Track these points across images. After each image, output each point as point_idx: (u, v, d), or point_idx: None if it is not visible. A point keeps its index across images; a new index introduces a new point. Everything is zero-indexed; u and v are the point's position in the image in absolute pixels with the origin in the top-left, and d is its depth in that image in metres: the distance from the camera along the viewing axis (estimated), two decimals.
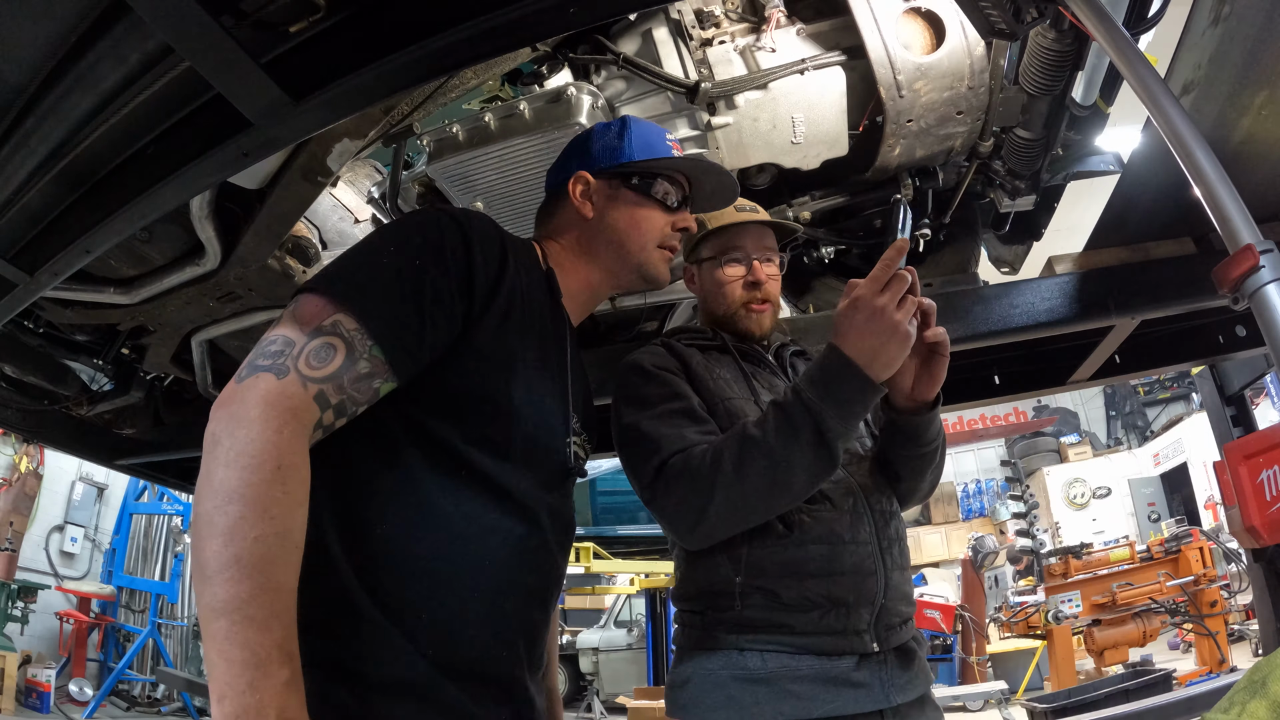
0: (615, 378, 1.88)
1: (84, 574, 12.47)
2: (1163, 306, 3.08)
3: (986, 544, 12.02)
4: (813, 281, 3.50)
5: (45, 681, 9.98)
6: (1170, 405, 20.32)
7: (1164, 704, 5.19)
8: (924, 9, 2.48)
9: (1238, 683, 1.40)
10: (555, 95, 2.54)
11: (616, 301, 3.41)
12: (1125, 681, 6.49)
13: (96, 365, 4.27)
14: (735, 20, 2.63)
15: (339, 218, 3.61)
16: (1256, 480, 3.85)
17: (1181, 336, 3.80)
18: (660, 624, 12.31)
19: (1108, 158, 2.94)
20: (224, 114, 2.16)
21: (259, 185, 2.87)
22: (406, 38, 1.98)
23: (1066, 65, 2.47)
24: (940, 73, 2.51)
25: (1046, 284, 3.15)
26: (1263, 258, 1.51)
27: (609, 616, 14.08)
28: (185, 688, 10.46)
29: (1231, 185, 1.60)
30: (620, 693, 11.99)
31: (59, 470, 12.11)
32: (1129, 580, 8.46)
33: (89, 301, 3.53)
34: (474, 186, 2.76)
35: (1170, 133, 1.68)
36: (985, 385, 4.03)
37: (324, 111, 2.13)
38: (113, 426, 4.90)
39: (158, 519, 13.16)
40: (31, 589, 10.46)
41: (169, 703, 11.53)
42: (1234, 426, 4.79)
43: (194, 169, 2.32)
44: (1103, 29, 1.83)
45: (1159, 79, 1.75)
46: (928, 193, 3.01)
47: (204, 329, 3.79)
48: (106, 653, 11.90)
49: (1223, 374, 4.88)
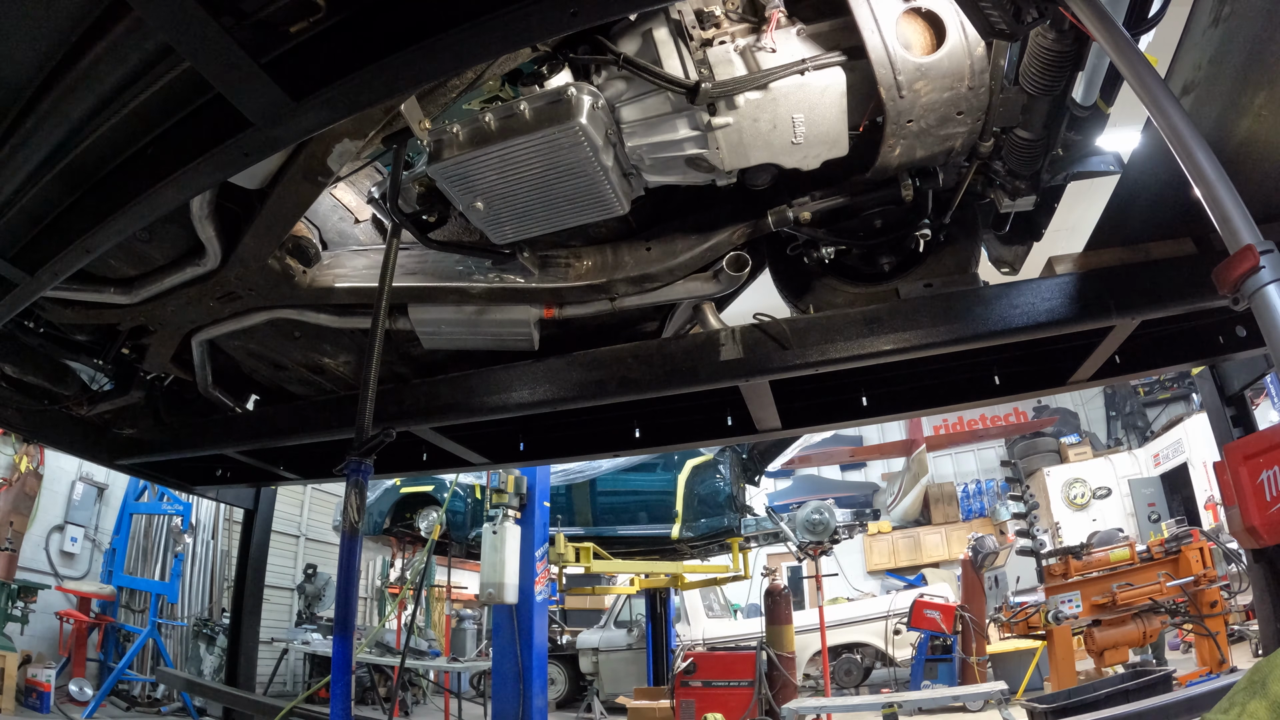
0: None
1: (84, 574, 12.46)
2: (1163, 307, 3.08)
3: (986, 544, 12.01)
4: (813, 282, 3.49)
5: (45, 681, 9.96)
6: (1170, 406, 20.34)
7: (1164, 704, 5.18)
8: (924, 9, 2.47)
9: (1238, 683, 1.41)
10: (555, 95, 2.54)
11: (616, 302, 3.41)
12: (1125, 682, 6.48)
13: (97, 365, 4.27)
14: (736, 20, 2.63)
15: (339, 218, 3.61)
16: (1257, 480, 3.84)
17: (1181, 337, 3.80)
18: (660, 624, 12.31)
19: (1108, 158, 2.94)
20: (224, 114, 2.17)
21: (259, 185, 2.87)
22: (406, 38, 1.98)
23: (1067, 65, 2.46)
24: (940, 73, 2.50)
25: (1046, 284, 3.15)
26: (1263, 258, 1.51)
27: (609, 617, 14.08)
28: (185, 688, 10.46)
29: (1231, 185, 1.61)
30: (620, 693, 11.99)
31: (59, 470, 12.10)
32: (1129, 581, 8.46)
33: (89, 301, 3.53)
34: (474, 187, 2.76)
35: (1170, 133, 1.68)
36: (985, 385, 4.03)
37: (324, 111, 2.13)
38: (113, 426, 4.91)
39: (158, 519, 13.14)
40: (31, 589, 10.45)
41: (169, 703, 11.52)
42: (1234, 427, 4.79)
43: (194, 169, 2.33)
44: (1103, 29, 1.83)
45: (1159, 79, 1.76)
46: (928, 193, 3.01)
47: (204, 329, 3.80)
48: (106, 653, 11.88)
49: (1223, 374, 4.89)
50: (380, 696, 12.79)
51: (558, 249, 3.38)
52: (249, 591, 6.94)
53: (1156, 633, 8.48)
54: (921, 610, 11.38)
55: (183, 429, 4.82)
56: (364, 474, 2.83)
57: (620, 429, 4.75)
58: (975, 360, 3.95)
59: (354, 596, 2.86)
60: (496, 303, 3.46)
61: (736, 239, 3.26)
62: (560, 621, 15.74)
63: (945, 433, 22.94)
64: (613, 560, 10.19)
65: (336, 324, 3.65)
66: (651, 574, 11.20)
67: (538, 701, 7.80)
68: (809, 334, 3.32)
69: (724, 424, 4.50)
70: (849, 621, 13.36)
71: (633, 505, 10.88)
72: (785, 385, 3.97)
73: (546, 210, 2.87)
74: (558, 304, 3.47)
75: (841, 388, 4.26)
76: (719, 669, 9.61)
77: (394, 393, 4.06)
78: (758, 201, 3.14)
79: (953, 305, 3.21)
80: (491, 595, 7.49)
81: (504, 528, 7.62)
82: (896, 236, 3.24)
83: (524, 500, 8.04)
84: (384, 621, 13.75)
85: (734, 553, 11.05)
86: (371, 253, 3.57)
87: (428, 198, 3.31)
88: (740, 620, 15.64)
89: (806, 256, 3.35)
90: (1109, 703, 5.92)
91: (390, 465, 5.37)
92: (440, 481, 11.27)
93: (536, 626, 7.96)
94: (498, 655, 8.09)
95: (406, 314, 3.58)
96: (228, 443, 4.70)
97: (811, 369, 3.35)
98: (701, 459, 10.56)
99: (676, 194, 3.28)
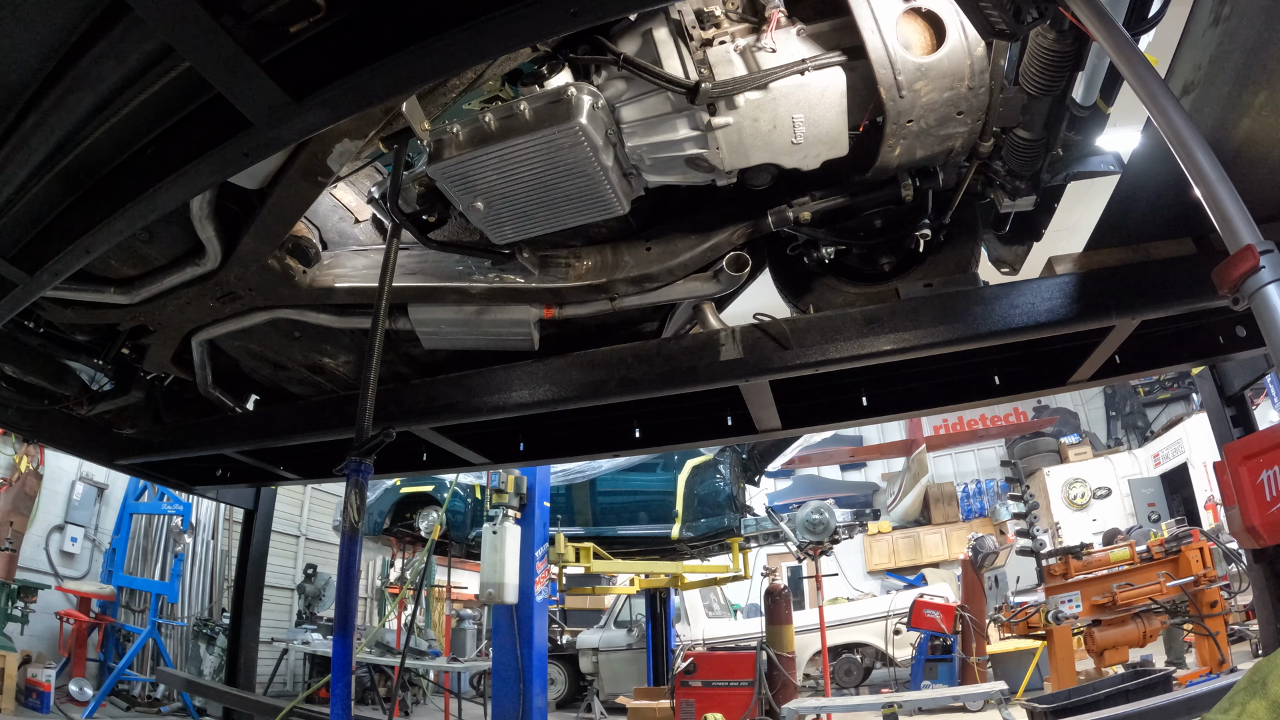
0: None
1: (84, 574, 12.46)
2: (1163, 307, 3.08)
3: (986, 544, 12.01)
4: (813, 282, 3.49)
5: (45, 681, 9.96)
6: (1170, 405, 20.35)
7: (1164, 704, 5.18)
8: (924, 9, 2.47)
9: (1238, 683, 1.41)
10: (555, 95, 2.54)
11: (616, 302, 3.41)
12: (1125, 682, 6.48)
13: (96, 365, 4.27)
14: (735, 20, 2.63)
15: (339, 217, 3.61)
16: (1257, 480, 3.84)
17: (1181, 337, 3.80)
18: (660, 624, 12.31)
19: (1108, 158, 2.94)
20: (224, 114, 2.17)
21: (259, 185, 2.87)
22: (407, 37, 1.98)
23: (1067, 65, 2.46)
24: (940, 73, 2.50)
25: (1047, 284, 3.15)
26: (1263, 258, 1.51)
27: (609, 617, 14.09)
28: (185, 688, 10.45)
29: (1231, 185, 1.61)
30: (620, 693, 12.00)
31: (59, 470, 12.10)
32: (1129, 581, 8.46)
33: (89, 301, 3.53)
34: (474, 187, 2.76)
35: (1170, 133, 1.68)
36: (985, 386, 4.03)
37: (325, 111, 2.13)
38: (113, 426, 4.91)
39: (158, 519, 13.14)
40: (31, 589, 10.45)
41: (169, 703, 11.52)
42: (1234, 427, 4.79)
43: (194, 169, 2.33)
44: (1103, 29, 1.83)
45: (1159, 79, 1.76)
46: (928, 193, 3.01)
47: (204, 329, 3.79)
48: (106, 653, 11.88)
49: (1223, 374, 4.89)
50: (380, 696, 12.80)
51: (558, 249, 3.38)
52: (249, 591, 6.94)
53: (1157, 633, 8.48)
54: (921, 610, 11.38)
55: (183, 429, 4.82)
56: (364, 474, 2.83)
57: (620, 429, 4.74)
58: (975, 360, 3.95)
59: (354, 596, 2.86)
60: (496, 303, 3.46)
61: (736, 239, 3.26)
62: (560, 621, 15.74)
63: (945, 433, 22.96)
64: (613, 560, 10.19)
65: (336, 324, 3.65)
66: (651, 574, 11.20)
67: (538, 701, 7.80)
68: (809, 334, 3.32)
69: (724, 424, 4.50)
70: (849, 621, 13.36)
71: (633, 505, 10.89)
72: (785, 385, 3.97)
73: (546, 210, 2.87)
74: (558, 304, 3.47)
75: (842, 388, 4.26)
76: (719, 669, 9.61)
77: (394, 392, 4.06)
78: (758, 201, 3.14)
79: (953, 305, 3.21)
80: (491, 595, 7.50)
81: (504, 528, 7.63)
82: (896, 236, 3.24)
83: (524, 500, 8.04)
84: (384, 621, 13.75)
85: (734, 553, 11.05)
86: (371, 253, 3.57)
87: (428, 198, 3.31)
88: (740, 620, 15.64)
89: (806, 256, 3.35)
90: (1109, 703, 5.92)
91: (390, 465, 5.37)
92: (440, 481, 11.27)
93: (536, 626, 7.96)
94: (498, 655, 8.09)
95: (406, 314, 3.58)
96: (228, 443, 4.69)
97: (811, 369, 3.34)
98: (701, 459, 10.56)
99: (676, 194, 3.28)
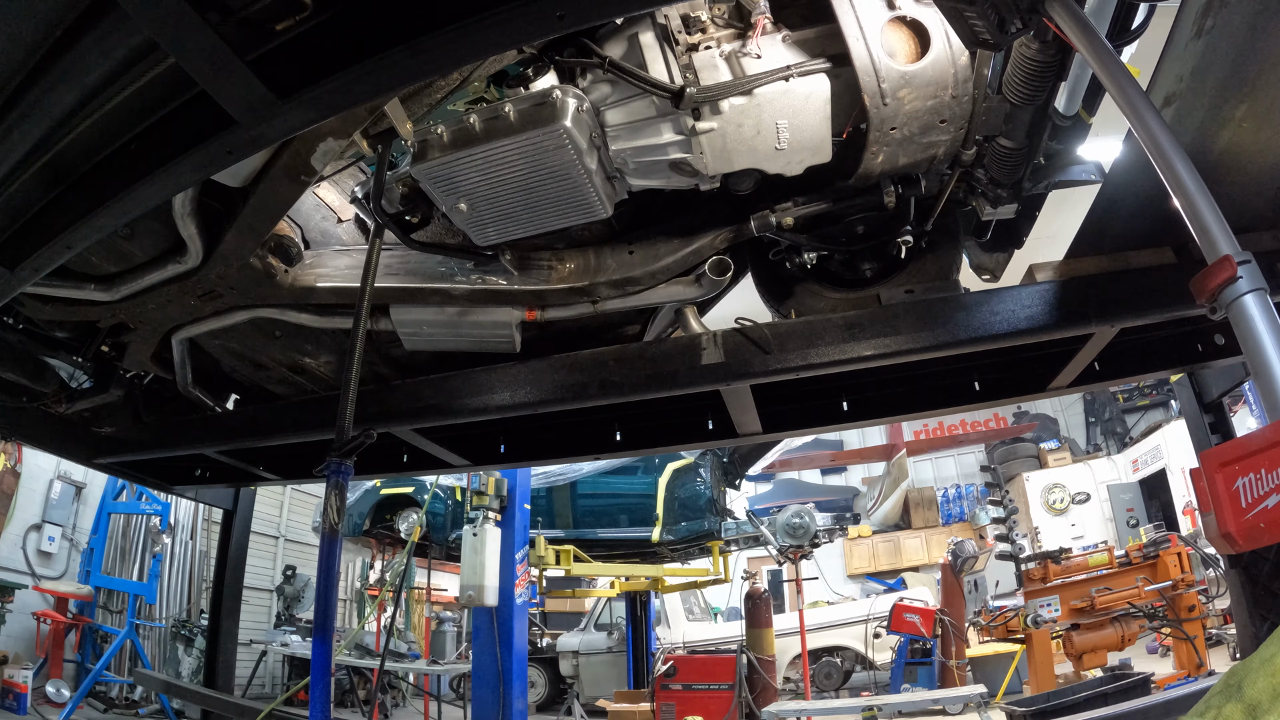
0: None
1: (61, 574, 12.33)
2: (1142, 315, 3.11)
3: (966, 548, 12.05)
4: (795, 287, 3.50)
5: (22, 682, 9.84)
6: (1149, 412, 20.54)
7: (1142, 707, 5.22)
8: (909, 18, 2.49)
9: (1213, 687, 1.42)
10: (540, 98, 2.54)
11: (598, 305, 3.41)
12: (1103, 685, 6.53)
13: (76, 362, 4.23)
14: (721, 26, 2.63)
15: (322, 217, 3.59)
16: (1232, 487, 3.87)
17: (1161, 344, 3.84)
18: (640, 627, 12.30)
19: (1089, 167, 2.96)
20: (208, 111, 2.16)
21: (242, 183, 2.86)
22: (393, 38, 1.98)
23: (1050, 76, 2.48)
24: (924, 81, 2.52)
25: (1027, 292, 3.17)
26: (1240, 268, 1.53)
27: (589, 620, 14.09)
28: (163, 689, 10.36)
29: (1211, 196, 1.62)
30: (600, 696, 11.97)
31: (37, 468, 11.97)
32: (1107, 585, 8.52)
33: (69, 298, 3.51)
34: (458, 188, 2.75)
35: (1151, 143, 1.70)
36: (965, 391, 4.05)
37: (310, 110, 2.13)
38: (91, 425, 4.86)
39: (136, 519, 13.02)
40: (8, 589, 10.33)
41: (147, 704, 11.41)
42: (1212, 433, 4.83)
43: (177, 166, 2.32)
44: (1086, 40, 1.84)
45: (1140, 90, 1.77)
46: (910, 200, 3.03)
47: (185, 327, 3.77)
48: (84, 654, 11.76)
49: (1201, 381, 4.93)
50: (360, 699, 12.73)
51: (540, 251, 3.38)
52: (228, 593, 6.88)
53: (1135, 636, 8.55)
54: (901, 614, 11.40)
55: (162, 428, 4.78)
56: (344, 475, 2.82)
57: (601, 432, 4.74)
58: (955, 366, 3.97)
59: (333, 598, 2.85)
60: (478, 304, 3.46)
61: (719, 243, 3.27)
62: (540, 624, 15.71)
63: (925, 438, 23.07)
64: (593, 563, 10.17)
65: (318, 324, 3.64)
66: (632, 577, 11.19)
67: (517, 704, 7.77)
68: (790, 339, 3.33)
69: (705, 427, 4.50)
70: (829, 625, 13.40)
71: (613, 508, 10.87)
72: (766, 389, 3.98)
73: (530, 212, 2.87)
74: (540, 306, 3.46)
75: (822, 392, 4.27)
76: (699, 672, 9.61)
77: (375, 394, 4.05)
78: (741, 206, 3.15)
79: (933, 311, 3.22)
80: (471, 598, 7.46)
81: (484, 530, 7.60)
82: (878, 243, 3.25)
83: (504, 502, 8.01)
84: (363, 623, 13.68)
85: (714, 556, 11.04)
86: (354, 253, 3.56)
87: (411, 198, 3.31)
88: (720, 623, 15.68)
89: (789, 261, 3.37)
90: (1088, 706, 5.97)
91: (370, 466, 5.35)
92: (420, 483, 11.22)
93: (516, 629, 7.93)
94: (477, 658, 8.06)
95: (388, 314, 3.56)
96: (207, 442, 4.66)
97: (792, 374, 3.35)
98: (682, 462, 10.56)
99: (660, 198, 3.28)
